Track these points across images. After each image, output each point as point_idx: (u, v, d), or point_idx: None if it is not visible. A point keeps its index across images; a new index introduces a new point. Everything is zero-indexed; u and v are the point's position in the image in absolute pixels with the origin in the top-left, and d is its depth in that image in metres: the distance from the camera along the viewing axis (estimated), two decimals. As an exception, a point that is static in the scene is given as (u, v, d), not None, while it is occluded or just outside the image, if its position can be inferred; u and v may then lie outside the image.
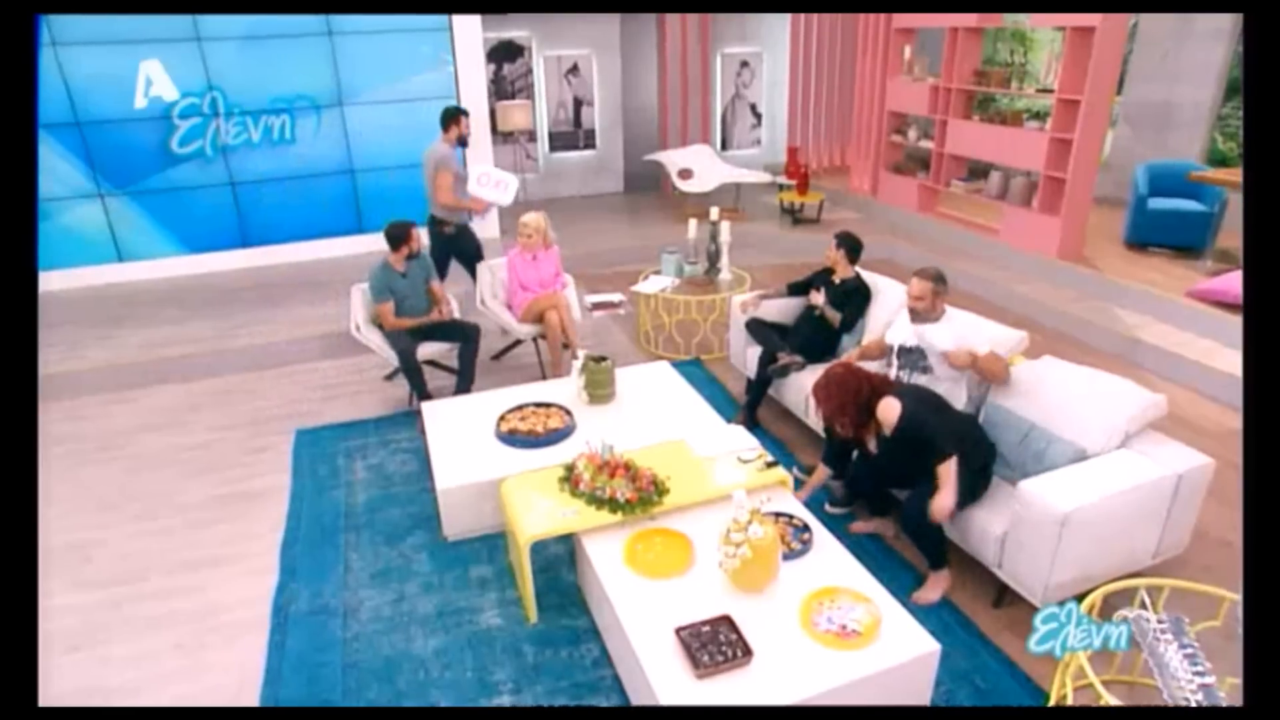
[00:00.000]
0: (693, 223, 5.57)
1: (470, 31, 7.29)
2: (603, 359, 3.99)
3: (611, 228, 8.28)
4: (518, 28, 8.85)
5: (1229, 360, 4.76)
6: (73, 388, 4.99)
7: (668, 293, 5.34)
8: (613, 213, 8.98)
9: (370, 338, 4.56)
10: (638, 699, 2.53)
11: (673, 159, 8.79)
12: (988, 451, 3.17)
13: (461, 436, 3.71)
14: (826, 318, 4.27)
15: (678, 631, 2.41)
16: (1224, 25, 7.22)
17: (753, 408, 4.43)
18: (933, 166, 7.68)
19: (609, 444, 3.21)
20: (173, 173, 6.74)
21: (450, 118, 5.39)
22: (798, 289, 4.57)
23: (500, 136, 8.55)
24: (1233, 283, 5.22)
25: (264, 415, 4.70)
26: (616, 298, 5.46)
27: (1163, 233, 6.48)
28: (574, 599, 3.13)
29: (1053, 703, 2.30)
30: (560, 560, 3.33)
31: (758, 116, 10.38)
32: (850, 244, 4.35)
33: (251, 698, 2.72)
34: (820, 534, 2.89)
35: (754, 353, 4.42)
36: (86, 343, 5.47)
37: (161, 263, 6.90)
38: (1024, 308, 6.04)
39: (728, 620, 2.45)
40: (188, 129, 6.68)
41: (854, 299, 4.29)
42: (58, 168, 6.37)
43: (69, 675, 2.83)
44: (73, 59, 6.16)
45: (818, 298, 4.36)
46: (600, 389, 3.97)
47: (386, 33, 6.99)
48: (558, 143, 9.53)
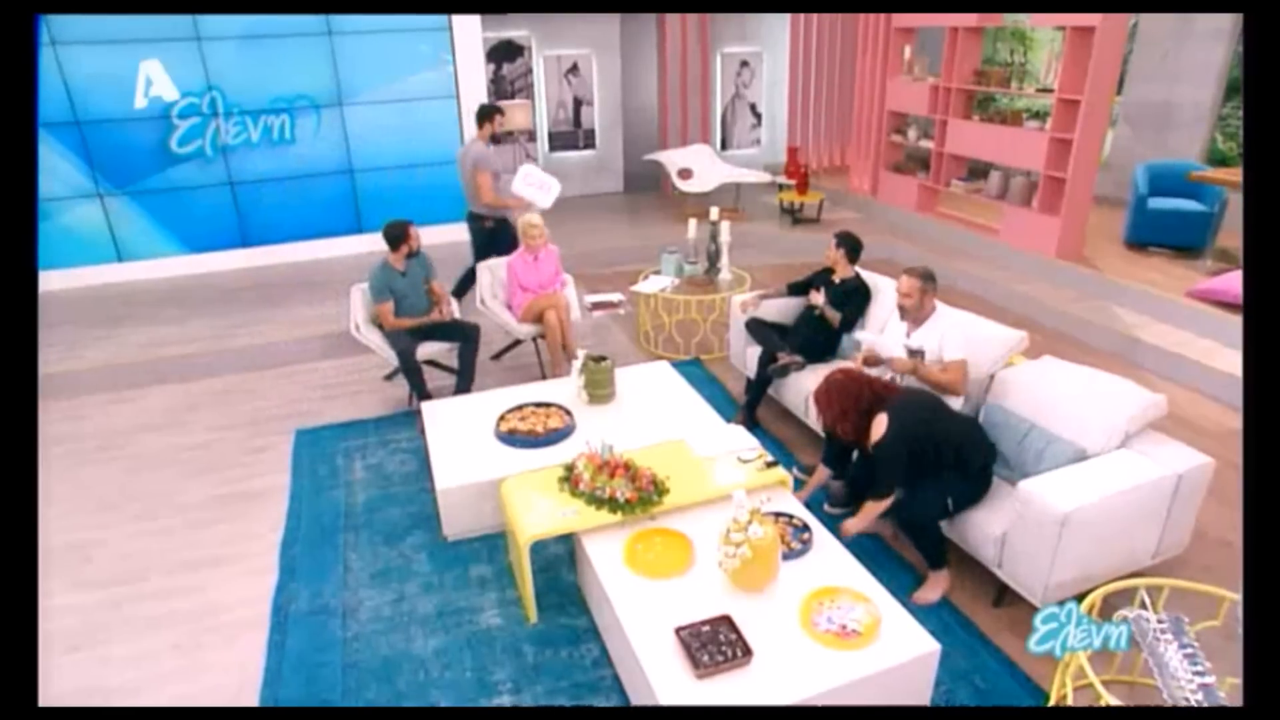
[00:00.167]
0: (692, 222, 5.58)
1: (470, 31, 7.29)
2: (602, 359, 3.99)
3: (611, 227, 8.28)
4: (517, 27, 8.84)
5: (1229, 360, 4.76)
6: (72, 388, 4.99)
7: (667, 292, 5.34)
8: (612, 212, 8.98)
9: (370, 337, 4.56)
10: (638, 699, 2.53)
11: (672, 159, 8.78)
12: (987, 453, 3.17)
13: (461, 436, 3.71)
14: (826, 318, 4.27)
15: (677, 631, 2.41)
16: (1224, 25, 7.23)
17: (752, 407, 4.43)
18: (933, 166, 7.68)
19: (609, 444, 3.21)
20: (172, 172, 6.75)
21: (485, 115, 5.48)
22: (798, 289, 4.57)
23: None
24: (1233, 282, 5.22)
25: (264, 415, 4.70)
26: (616, 297, 5.45)
27: (1163, 232, 6.48)
28: (574, 599, 3.13)
29: (1053, 703, 2.30)
30: (560, 560, 3.33)
31: (757, 116, 10.38)
32: (850, 244, 4.35)
33: (251, 698, 2.72)
34: (820, 534, 2.89)
35: (754, 353, 4.42)
36: (86, 343, 5.47)
37: (161, 262, 6.91)
38: (1024, 307, 6.04)
39: (727, 620, 2.45)
40: (187, 129, 6.68)
41: (854, 299, 4.29)
42: (58, 167, 6.37)
43: (69, 675, 2.83)
44: (73, 58, 6.16)
45: (817, 298, 4.36)
46: (600, 389, 3.97)
47: (386, 32, 6.99)
48: (557, 142, 9.53)
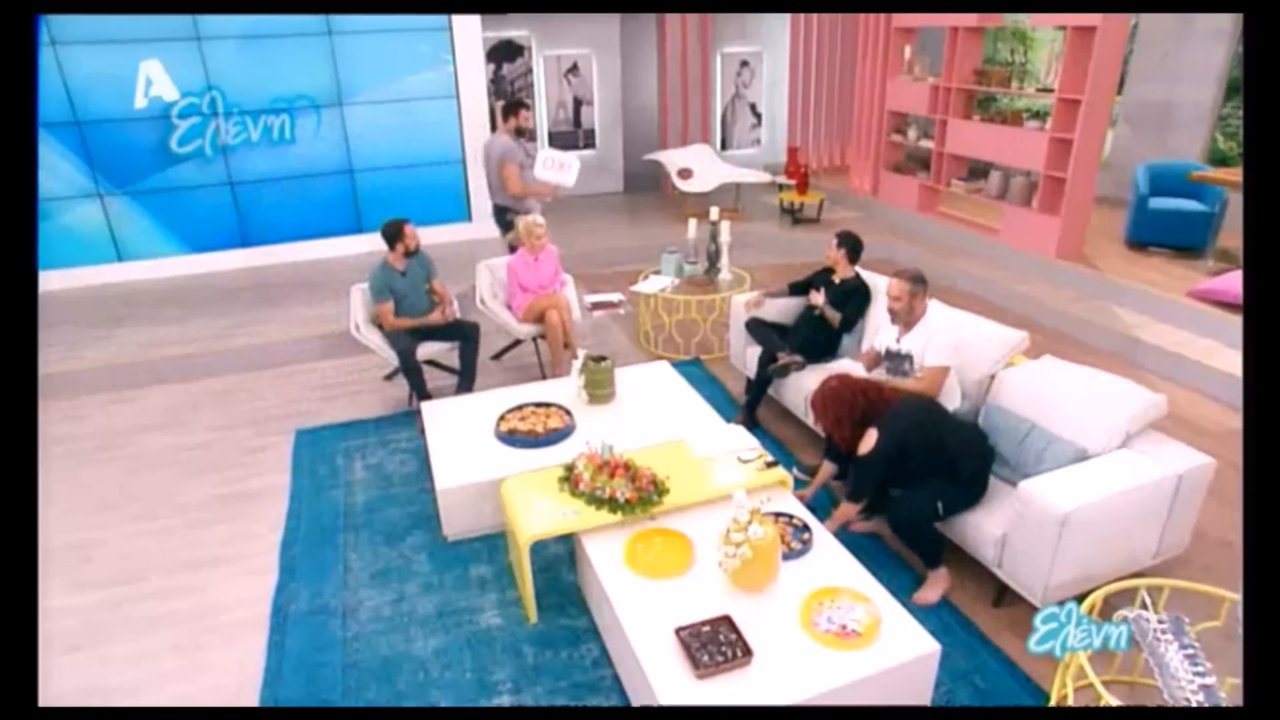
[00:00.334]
0: (692, 222, 5.57)
1: (470, 31, 7.29)
2: (602, 359, 3.99)
3: (611, 227, 8.28)
4: (517, 27, 8.84)
5: (1229, 360, 4.76)
6: (72, 388, 4.99)
7: (667, 292, 5.34)
8: (612, 212, 8.98)
9: (370, 337, 4.56)
10: (638, 699, 2.52)
11: (672, 159, 8.78)
12: (983, 459, 3.14)
13: (461, 436, 3.71)
14: (826, 318, 4.27)
15: (677, 631, 2.41)
16: (1224, 25, 7.22)
17: (752, 407, 4.43)
18: (933, 166, 7.68)
19: (609, 444, 3.21)
20: (172, 172, 6.74)
21: (511, 109, 5.54)
22: (799, 289, 4.57)
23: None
24: (1233, 282, 5.22)
25: (263, 415, 4.70)
26: (616, 297, 5.45)
27: (1163, 232, 6.47)
28: (574, 599, 3.13)
29: (1053, 703, 2.30)
30: (560, 560, 3.33)
31: (757, 116, 10.38)
32: (851, 244, 4.35)
33: (251, 698, 2.72)
34: (820, 534, 2.89)
35: (754, 352, 4.42)
36: (86, 343, 5.47)
37: (161, 262, 6.90)
38: (1024, 307, 6.03)
39: (727, 620, 2.45)
40: (187, 129, 6.68)
41: (854, 299, 4.29)
42: (58, 167, 6.37)
43: (69, 675, 2.83)
44: (72, 58, 6.16)
45: (817, 297, 4.36)
46: (600, 389, 3.97)
47: (386, 32, 6.99)
48: (557, 142, 9.51)
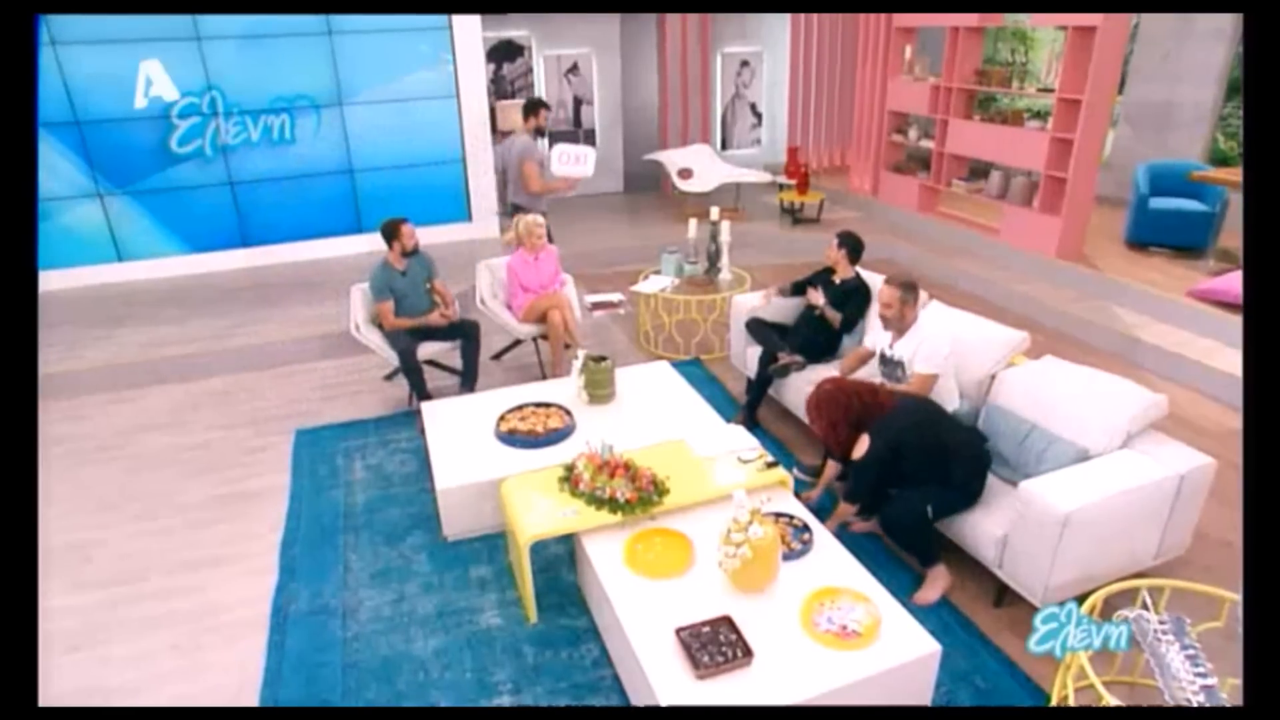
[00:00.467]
0: (693, 222, 5.57)
1: (470, 31, 7.28)
2: (602, 359, 3.98)
3: (611, 227, 8.28)
4: (517, 27, 8.84)
5: (1229, 360, 4.75)
6: (73, 388, 4.99)
7: (668, 292, 5.34)
8: (612, 212, 8.98)
9: (370, 337, 4.56)
10: (638, 700, 2.52)
11: (673, 158, 8.78)
12: (981, 460, 3.12)
13: (461, 436, 3.71)
14: (827, 318, 4.27)
15: (678, 632, 2.41)
16: (1225, 25, 7.22)
17: (753, 408, 4.43)
18: (933, 166, 7.67)
19: (609, 444, 3.21)
20: (172, 172, 6.73)
21: (532, 109, 5.68)
22: (800, 288, 4.57)
23: (500, 136, 8.53)
24: (1234, 282, 5.22)
25: (264, 415, 4.70)
26: (616, 297, 5.45)
27: (1164, 232, 6.47)
28: (574, 599, 3.13)
29: (1054, 704, 2.30)
30: (560, 560, 3.33)
31: (758, 116, 10.37)
32: (852, 244, 4.35)
33: (251, 698, 2.72)
34: (820, 534, 2.89)
35: (754, 352, 4.42)
36: (86, 343, 5.46)
37: (161, 262, 6.89)
38: (1024, 307, 6.03)
39: (728, 621, 2.45)
40: (187, 128, 6.67)
41: (854, 299, 4.28)
42: (58, 167, 6.36)
43: (69, 675, 2.83)
44: (72, 58, 6.15)
45: (816, 296, 4.36)
46: (600, 389, 3.97)
47: (386, 32, 6.98)
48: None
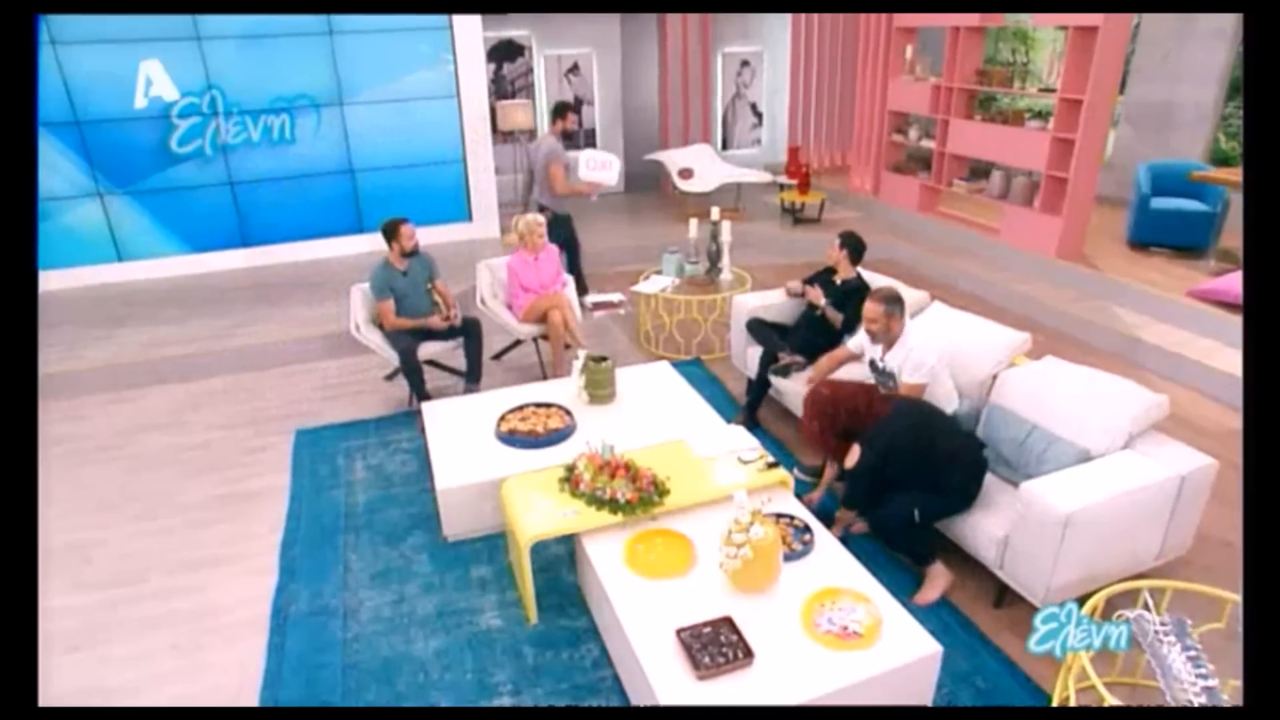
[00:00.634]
0: (693, 222, 5.57)
1: (470, 30, 7.28)
2: (603, 359, 3.98)
3: (612, 227, 8.26)
4: (518, 27, 8.84)
5: (1229, 360, 4.75)
6: (72, 388, 4.99)
7: (668, 292, 5.34)
8: (613, 212, 8.97)
9: (370, 338, 4.56)
10: (638, 700, 2.52)
11: (673, 158, 8.78)
12: (975, 466, 3.10)
13: (461, 437, 3.71)
14: (828, 318, 4.27)
15: (678, 633, 2.40)
16: (1226, 25, 7.21)
17: (753, 408, 4.42)
18: (934, 166, 7.67)
19: (609, 444, 3.20)
20: (172, 172, 6.73)
21: (559, 112, 5.79)
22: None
23: (500, 136, 8.53)
24: (1235, 283, 5.21)
25: (264, 415, 4.70)
26: (616, 297, 5.46)
27: (1165, 232, 6.46)
28: (574, 600, 3.12)
29: (1055, 704, 2.29)
30: (560, 561, 3.33)
31: (758, 116, 10.37)
32: (853, 244, 4.34)
33: (251, 698, 2.72)
34: (821, 535, 2.88)
35: (754, 353, 4.42)
36: (86, 343, 5.46)
37: (161, 262, 6.89)
38: (1024, 307, 6.03)
39: (729, 621, 2.44)
40: (187, 128, 6.67)
41: (854, 299, 4.25)
42: (58, 167, 6.36)
43: (69, 675, 2.82)
44: (72, 58, 6.15)
45: (817, 296, 4.35)
46: (601, 389, 3.97)
47: (386, 32, 6.97)
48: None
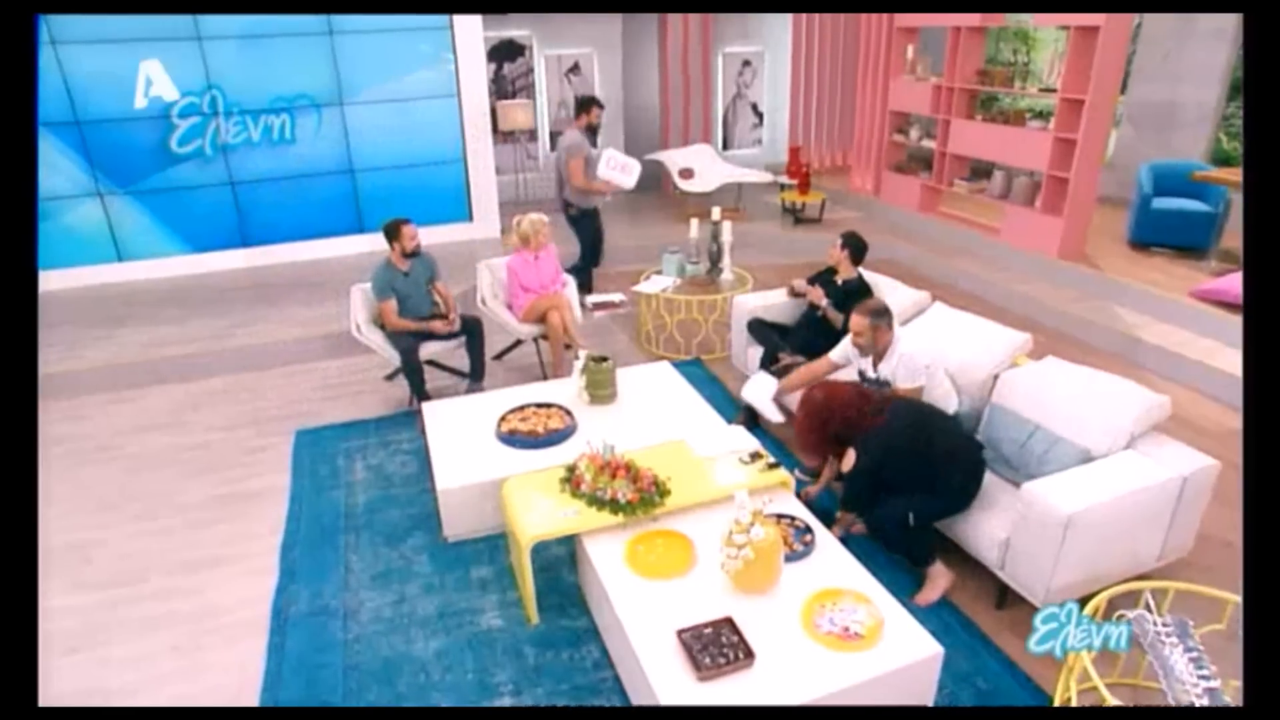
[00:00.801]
0: (694, 222, 5.57)
1: (471, 30, 7.28)
2: (604, 359, 3.98)
3: (612, 227, 8.16)
4: (518, 27, 8.83)
5: (1230, 360, 4.75)
6: (72, 388, 4.98)
7: (669, 292, 5.33)
8: (613, 212, 8.91)
9: (371, 338, 4.55)
10: (639, 701, 2.51)
11: (674, 158, 8.77)
12: (973, 468, 3.08)
13: (462, 437, 3.70)
14: (828, 318, 4.26)
15: (679, 633, 2.40)
16: (1227, 25, 7.20)
17: (754, 409, 4.41)
18: (935, 166, 7.66)
19: (610, 444, 3.20)
20: (172, 172, 6.73)
21: (583, 107, 5.81)
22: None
23: (501, 136, 8.53)
24: (1236, 283, 5.21)
25: (264, 415, 4.69)
26: (617, 297, 5.46)
27: (1167, 232, 6.46)
28: (575, 600, 3.12)
29: (1057, 705, 2.29)
30: (561, 561, 3.32)
31: (759, 116, 10.36)
32: (855, 245, 4.34)
33: (251, 700, 2.71)
34: (822, 535, 2.88)
35: (755, 353, 4.41)
36: (86, 343, 5.46)
37: (161, 262, 6.89)
38: (1024, 307, 6.02)
39: (729, 622, 2.44)
40: (187, 128, 6.67)
41: (855, 299, 4.23)
42: (58, 166, 6.36)
43: (68, 676, 2.82)
44: (72, 57, 6.15)
45: (816, 295, 4.35)
46: (601, 389, 3.96)
47: (387, 32, 6.97)
48: (559, 142, 9.50)
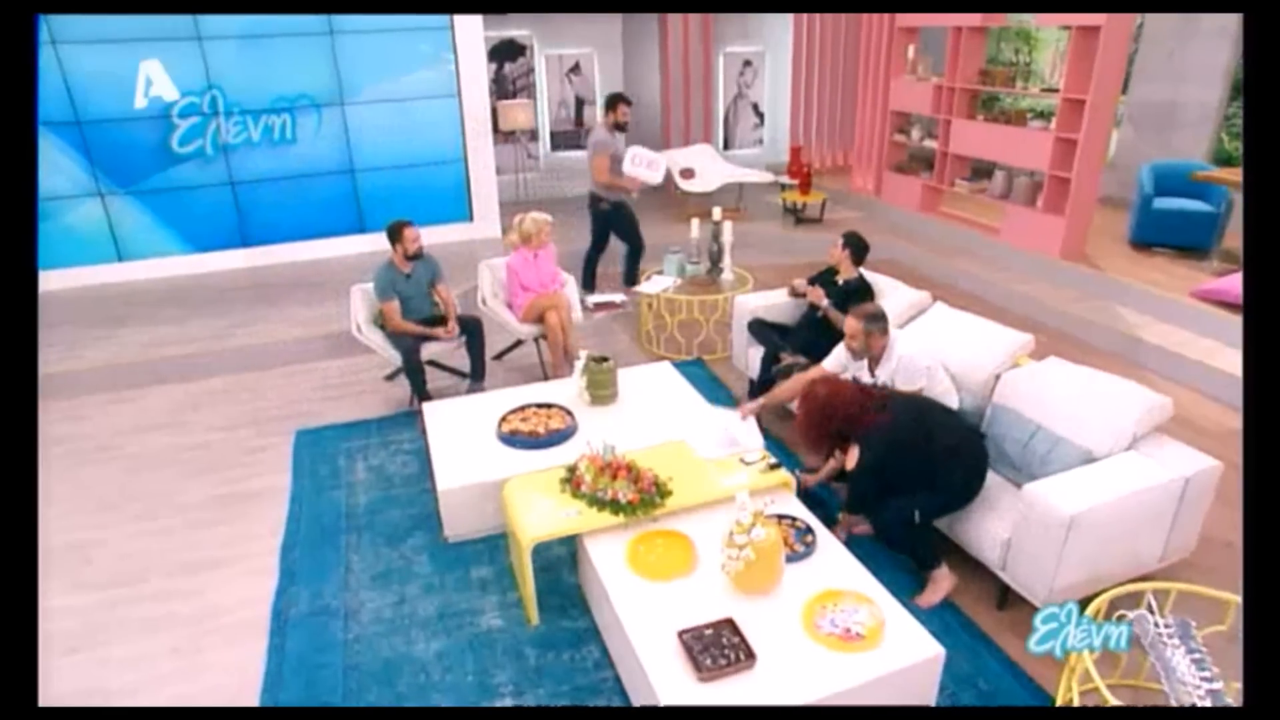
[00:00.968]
0: (695, 222, 5.56)
1: (471, 30, 7.27)
2: (604, 359, 3.97)
3: (613, 227, 8.23)
4: (519, 26, 8.83)
5: (1230, 360, 4.74)
6: (72, 388, 4.98)
7: (670, 293, 5.33)
8: (614, 212, 8.94)
9: (371, 338, 4.55)
10: (639, 702, 2.51)
11: (675, 158, 8.77)
12: (975, 464, 3.06)
13: (462, 437, 3.70)
14: (829, 318, 4.26)
15: (680, 634, 2.39)
16: (1229, 25, 7.19)
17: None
18: (936, 166, 7.66)
19: (610, 445, 3.20)
20: (173, 172, 6.73)
21: (610, 104, 5.89)
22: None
23: (501, 135, 8.53)
24: (1237, 283, 5.20)
25: (264, 415, 4.69)
26: (618, 297, 5.45)
27: (1168, 233, 6.45)
28: (575, 600, 3.11)
29: (1059, 706, 2.28)
30: (561, 561, 3.32)
31: (760, 116, 10.37)
32: (856, 245, 4.34)
33: (251, 700, 2.71)
34: (823, 536, 2.87)
35: (756, 353, 4.41)
36: (86, 343, 5.46)
37: (161, 262, 6.89)
38: (1025, 307, 6.01)
39: (730, 623, 2.43)
40: (188, 128, 6.67)
41: (855, 299, 4.24)
42: (58, 166, 6.36)
43: (68, 677, 2.82)
44: (73, 57, 6.14)
45: (817, 296, 4.34)
46: (602, 390, 3.96)
47: (387, 31, 6.97)
48: (559, 142, 9.52)
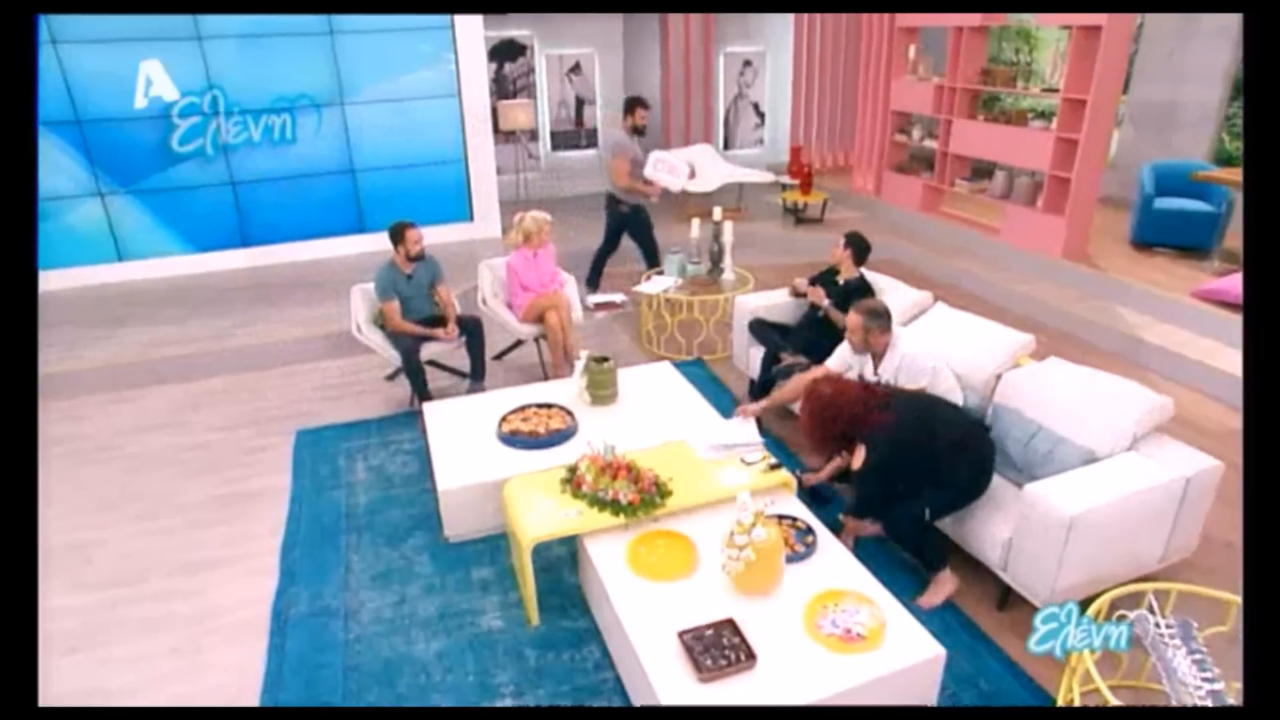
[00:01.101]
0: (695, 222, 5.56)
1: (472, 30, 7.27)
2: (605, 360, 3.97)
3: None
4: (519, 26, 8.83)
5: (1231, 360, 4.74)
6: (72, 388, 4.98)
7: (670, 293, 5.32)
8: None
9: (372, 338, 4.55)
10: (640, 702, 2.51)
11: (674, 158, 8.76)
12: (981, 460, 3.05)
13: (463, 437, 3.70)
14: (830, 318, 4.25)
15: (680, 635, 2.39)
16: (1230, 24, 7.19)
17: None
18: (937, 166, 7.66)
19: (611, 445, 3.19)
20: (173, 172, 6.72)
21: (629, 107, 5.95)
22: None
23: (501, 135, 8.52)
24: (1238, 283, 5.20)
25: (264, 415, 4.69)
26: (618, 297, 5.44)
27: (1169, 233, 6.45)
28: (575, 601, 3.11)
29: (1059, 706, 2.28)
30: (562, 562, 3.32)
31: (760, 116, 10.36)
32: (857, 244, 4.33)
33: (251, 700, 2.71)
34: (824, 537, 2.87)
35: (756, 353, 4.41)
36: (86, 343, 5.46)
37: (161, 262, 6.88)
38: (1026, 307, 6.01)
39: (731, 624, 2.43)
40: (188, 128, 6.66)
41: (856, 299, 4.24)
42: (59, 166, 6.35)
43: (68, 677, 2.82)
44: (73, 57, 6.14)
45: (818, 296, 4.34)
46: (602, 390, 3.95)
47: (388, 31, 6.97)
48: (559, 142, 9.51)
